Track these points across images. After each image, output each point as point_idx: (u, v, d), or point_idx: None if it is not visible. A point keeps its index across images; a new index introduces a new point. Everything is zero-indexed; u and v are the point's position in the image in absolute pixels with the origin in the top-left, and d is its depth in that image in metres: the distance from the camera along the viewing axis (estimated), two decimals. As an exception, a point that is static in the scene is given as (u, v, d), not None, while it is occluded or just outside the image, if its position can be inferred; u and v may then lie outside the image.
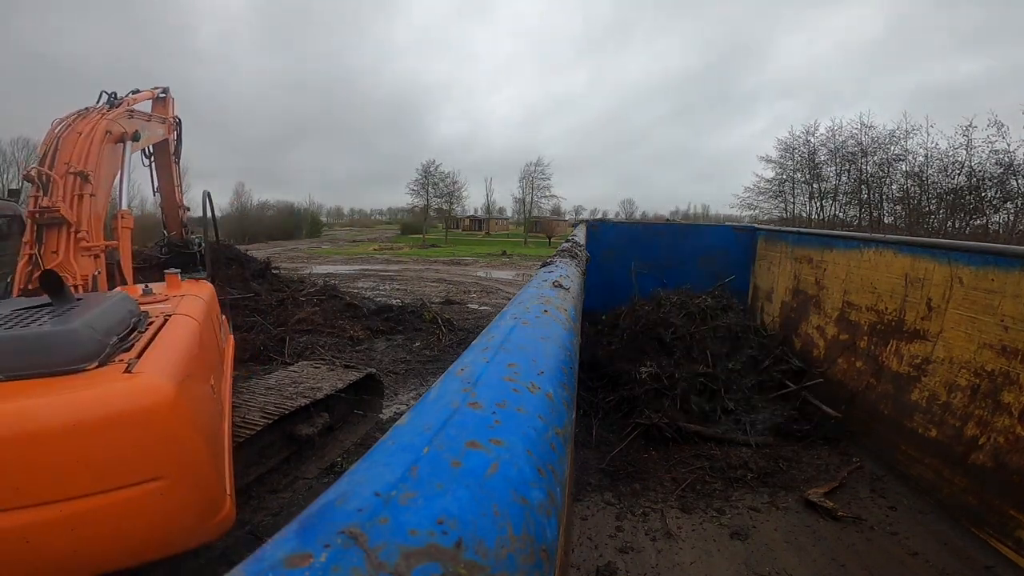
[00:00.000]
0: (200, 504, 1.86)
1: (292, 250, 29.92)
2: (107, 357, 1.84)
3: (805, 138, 28.68)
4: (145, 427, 1.65)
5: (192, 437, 1.79)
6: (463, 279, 15.42)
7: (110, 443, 1.61)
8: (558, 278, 1.64)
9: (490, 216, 63.55)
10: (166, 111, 4.77)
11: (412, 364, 6.22)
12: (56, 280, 2.10)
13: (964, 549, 2.56)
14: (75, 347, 1.77)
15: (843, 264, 4.32)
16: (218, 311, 3.44)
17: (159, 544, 1.76)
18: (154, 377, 1.75)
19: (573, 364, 0.97)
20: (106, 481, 1.61)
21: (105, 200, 3.38)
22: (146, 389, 1.69)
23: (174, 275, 3.28)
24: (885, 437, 3.47)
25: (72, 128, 3.31)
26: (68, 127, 3.33)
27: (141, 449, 1.66)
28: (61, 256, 2.97)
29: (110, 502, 1.61)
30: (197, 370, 2.13)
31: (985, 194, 20.87)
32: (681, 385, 4.03)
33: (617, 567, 2.46)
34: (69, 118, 3.45)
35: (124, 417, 1.62)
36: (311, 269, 16.62)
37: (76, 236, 3.04)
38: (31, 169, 3.08)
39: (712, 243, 6.06)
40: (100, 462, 1.60)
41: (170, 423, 1.71)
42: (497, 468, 0.39)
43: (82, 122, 3.37)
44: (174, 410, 1.71)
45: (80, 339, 1.79)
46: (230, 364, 3.52)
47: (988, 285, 2.99)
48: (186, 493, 1.78)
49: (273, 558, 0.28)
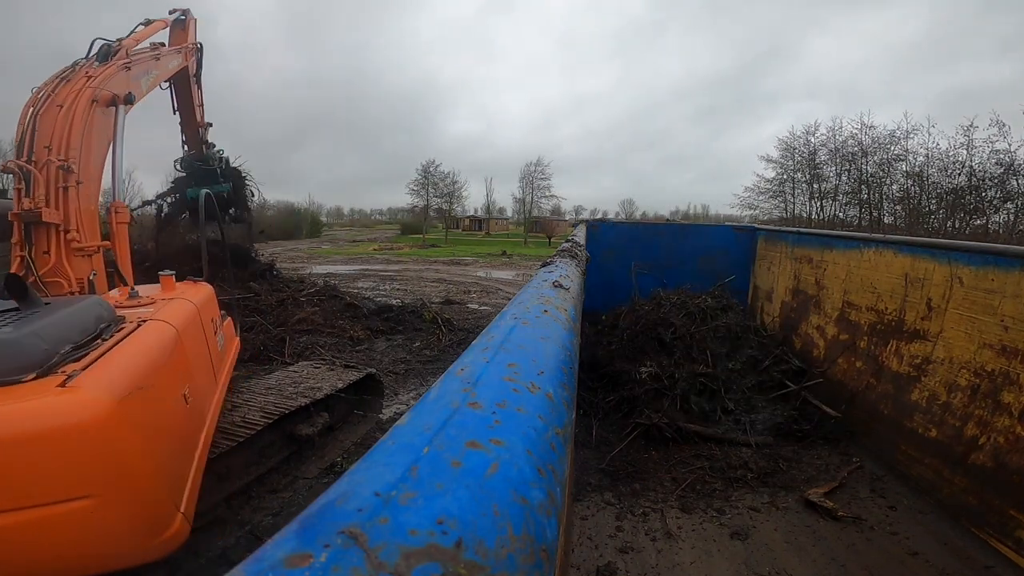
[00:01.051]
0: (140, 522, 1.77)
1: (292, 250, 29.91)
2: (49, 368, 1.75)
3: (806, 138, 28.71)
4: (75, 443, 1.57)
5: (131, 453, 1.70)
6: (463, 279, 15.42)
7: (36, 459, 1.53)
8: (558, 278, 1.64)
9: (490, 216, 63.54)
10: (186, 36, 4.37)
11: (412, 364, 6.22)
12: (19, 284, 2.05)
13: (964, 549, 2.56)
14: (16, 357, 1.69)
15: (843, 264, 4.32)
16: (216, 314, 3.34)
17: (90, 562, 1.67)
18: (91, 391, 1.65)
19: (573, 364, 0.97)
20: (30, 497, 1.54)
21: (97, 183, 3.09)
22: (79, 404, 1.61)
23: (169, 276, 3.14)
24: (885, 437, 3.47)
25: (52, 100, 2.95)
26: (48, 99, 2.97)
27: (70, 466, 1.57)
28: (53, 258, 2.79)
29: (33, 518, 1.54)
30: (159, 381, 2.05)
31: (985, 194, 20.87)
32: (681, 385, 4.03)
33: (617, 567, 2.46)
34: (50, 84, 3.08)
35: (52, 433, 1.54)
36: (311, 269, 16.62)
37: (66, 236, 2.84)
38: (9, 161, 2.84)
39: (712, 243, 6.06)
40: (24, 478, 1.53)
41: (104, 440, 1.62)
42: (497, 468, 0.39)
43: (64, 90, 3.01)
44: (109, 426, 1.63)
45: (23, 349, 1.72)
46: (229, 368, 3.44)
47: (988, 285, 2.99)
48: (122, 511, 1.69)
49: (273, 558, 0.28)
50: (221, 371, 3.18)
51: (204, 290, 3.26)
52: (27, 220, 2.76)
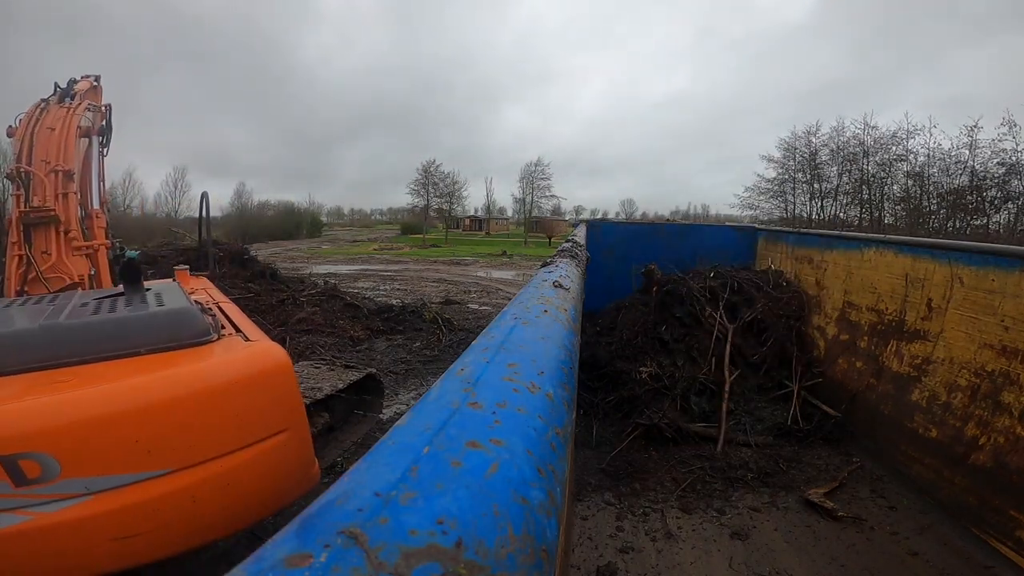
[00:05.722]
0: (307, 454, 2.05)
1: (292, 250, 29.92)
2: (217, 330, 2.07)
3: (807, 138, 28.68)
4: (273, 385, 1.88)
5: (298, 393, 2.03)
6: (463, 279, 15.42)
7: (251, 401, 1.80)
8: (558, 278, 1.64)
9: (490, 216, 63.52)
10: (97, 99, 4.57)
11: (412, 364, 6.21)
12: (135, 271, 2.27)
13: (964, 549, 2.56)
14: (194, 324, 1.98)
15: (843, 264, 4.32)
16: None
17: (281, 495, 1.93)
18: (265, 344, 2.03)
19: (573, 364, 0.97)
20: (252, 435, 1.79)
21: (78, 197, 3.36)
22: (267, 354, 1.94)
23: (184, 271, 3.49)
24: (885, 437, 3.47)
25: (42, 124, 3.24)
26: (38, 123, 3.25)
27: (272, 404, 1.87)
28: (54, 257, 2.95)
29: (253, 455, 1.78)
30: None
31: (986, 194, 20.85)
32: (681, 385, 4.03)
33: (617, 567, 2.46)
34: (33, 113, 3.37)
35: (258, 377, 1.84)
36: (311, 269, 16.62)
37: (67, 236, 3.01)
38: (12, 167, 3.04)
39: (712, 243, 6.06)
40: (245, 418, 1.78)
41: (289, 381, 1.95)
42: (497, 468, 0.39)
43: (49, 117, 3.30)
44: (290, 370, 1.95)
45: (195, 317, 2.01)
46: None
47: (988, 285, 2.99)
48: (303, 442, 2.01)
49: (273, 558, 0.28)
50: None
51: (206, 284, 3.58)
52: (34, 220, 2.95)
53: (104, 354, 1.79)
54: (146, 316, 1.92)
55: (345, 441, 3.96)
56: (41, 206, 2.92)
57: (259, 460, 1.79)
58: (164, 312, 1.96)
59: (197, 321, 1.98)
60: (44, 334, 1.75)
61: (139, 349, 1.83)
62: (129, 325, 1.88)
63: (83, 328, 1.82)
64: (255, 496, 1.82)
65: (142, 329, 1.87)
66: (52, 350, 1.73)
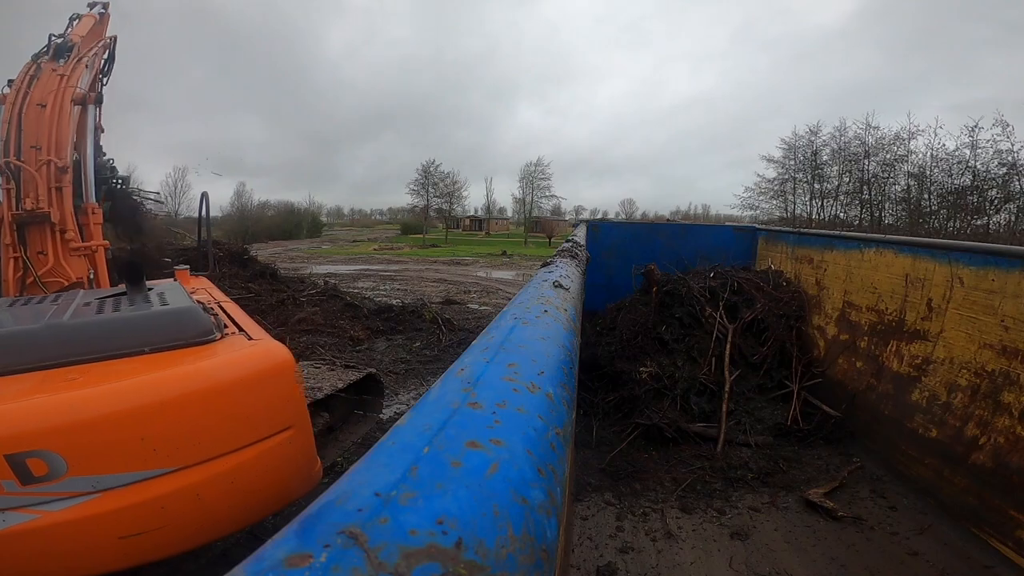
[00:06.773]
0: (310, 452, 2.07)
1: (292, 250, 29.92)
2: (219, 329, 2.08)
3: (808, 138, 28.66)
4: (277, 383, 1.89)
5: (303, 392, 2.05)
6: (463, 279, 15.42)
7: (255, 399, 1.82)
8: (558, 278, 1.64)
9: (490, 216, 63.52)
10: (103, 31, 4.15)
11: (412, 364, 6.21)
12: (138, 272, 2.27)
13: (964, 549, 2.56)
14: (198, 323, 1.99)
15: (843, 264, 4.32)
16: None
17: (285, 492, 1.94)
18: (269, 343, 2.05)
19: (573, 364, 0.97)
20: (257, 432, 1.80)
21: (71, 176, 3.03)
22: (270, 352, 1.96)
23: (184, 270, 3.43)
24: (885, 437, 3.46)
25: (30, 101, 2.93)
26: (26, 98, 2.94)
27: (276, 402, 1.88)
28: (51, 259, 2.80)
29: (258, 453, 1.79)
30: None
31: (987, 194, 20.84)
32: (681, 385, 4.03)
33: (617, 567, 2.46)
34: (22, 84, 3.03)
35: (262, 375, 1.85)
36: (311, 269, 16.62)
37: (63, 236, 2.84)
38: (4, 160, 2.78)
39: (712, 243, 6.06)
40: (250, 416, 1.80)
41: (292, 379, 1.96)
42: (497, 468, 0.39)
43: (38, 89, 2.99)
44: (293, 368, 1.97)
45: (199, 316, 2.02)
46: None
47: (988, 285, 2.99)
48: (306, 440, 2.02)
49: (273, 558, 0.28)
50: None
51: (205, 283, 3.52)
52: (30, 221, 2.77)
53: (109, 353, 1.80)
54: (150, 315, 1.93)
55: (345, 441, 3.96)
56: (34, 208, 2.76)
57: (264, 457, 1.80)
58: (168, 311, 1.98)
59: (201, 320, 2.00)
60: (49, 333, 1.76)
61: (143, 348, 1.84)
62: (133, 324, 1.90)
63: (88, 327, 1.83)
64: (260, 493, 1.83)
65: (146, 328, 1.89)
66: (57, 349, 1.74)
